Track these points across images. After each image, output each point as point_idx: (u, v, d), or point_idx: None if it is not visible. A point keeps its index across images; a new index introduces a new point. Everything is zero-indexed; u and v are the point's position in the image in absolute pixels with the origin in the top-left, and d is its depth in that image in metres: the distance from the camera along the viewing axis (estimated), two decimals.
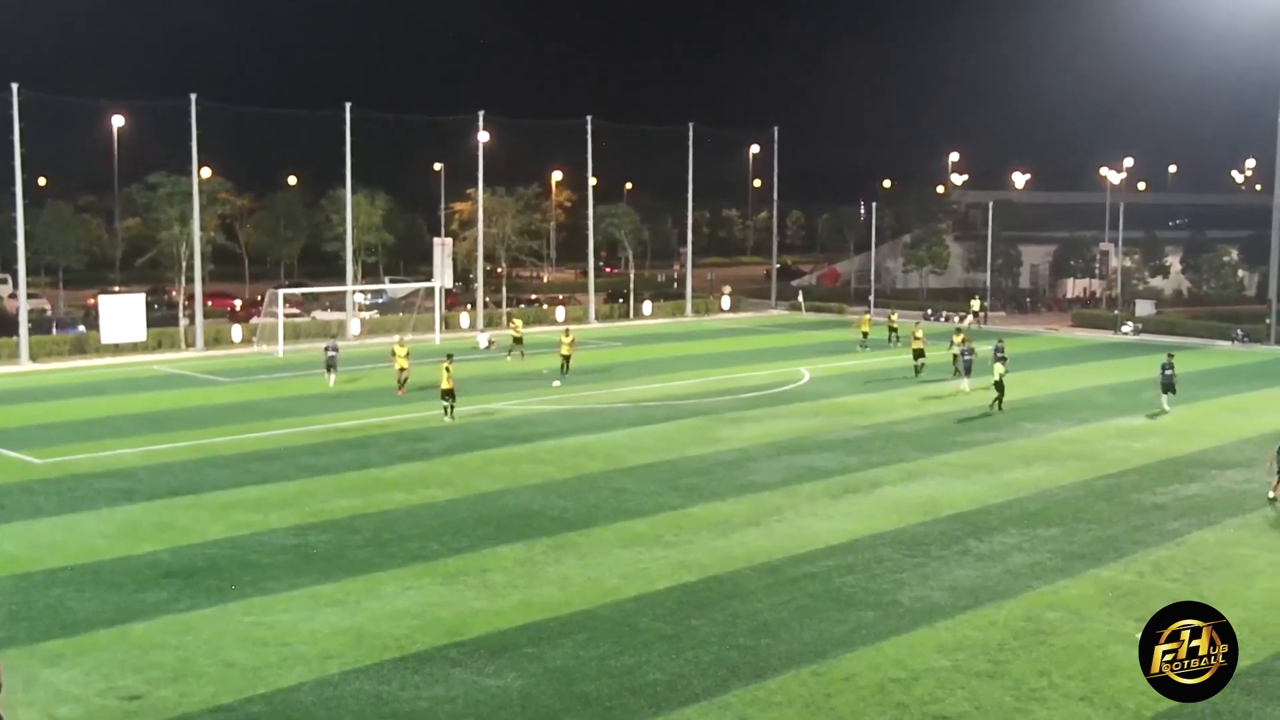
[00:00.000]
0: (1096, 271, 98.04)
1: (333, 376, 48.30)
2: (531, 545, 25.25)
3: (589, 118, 78.59)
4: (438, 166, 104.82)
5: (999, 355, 43.38)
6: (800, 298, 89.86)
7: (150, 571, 23.49)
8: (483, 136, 75.27)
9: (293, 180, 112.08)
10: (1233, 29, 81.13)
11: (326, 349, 49.20)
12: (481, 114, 74.82)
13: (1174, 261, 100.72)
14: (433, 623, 20.56)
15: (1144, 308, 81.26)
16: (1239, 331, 68.59)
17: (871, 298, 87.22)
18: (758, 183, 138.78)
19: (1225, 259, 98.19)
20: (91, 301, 75.97)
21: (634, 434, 38.01)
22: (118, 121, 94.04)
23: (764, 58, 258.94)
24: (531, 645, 19.53)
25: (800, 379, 50.71)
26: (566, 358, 50.43)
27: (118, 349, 59.52)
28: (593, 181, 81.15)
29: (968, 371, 46.52)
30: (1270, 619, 20.86)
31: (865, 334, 62.92)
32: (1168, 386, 42.30)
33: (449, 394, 39.59)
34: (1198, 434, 38.04)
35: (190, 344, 62.88)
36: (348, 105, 67.59)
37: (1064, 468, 33.04)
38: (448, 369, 40.08)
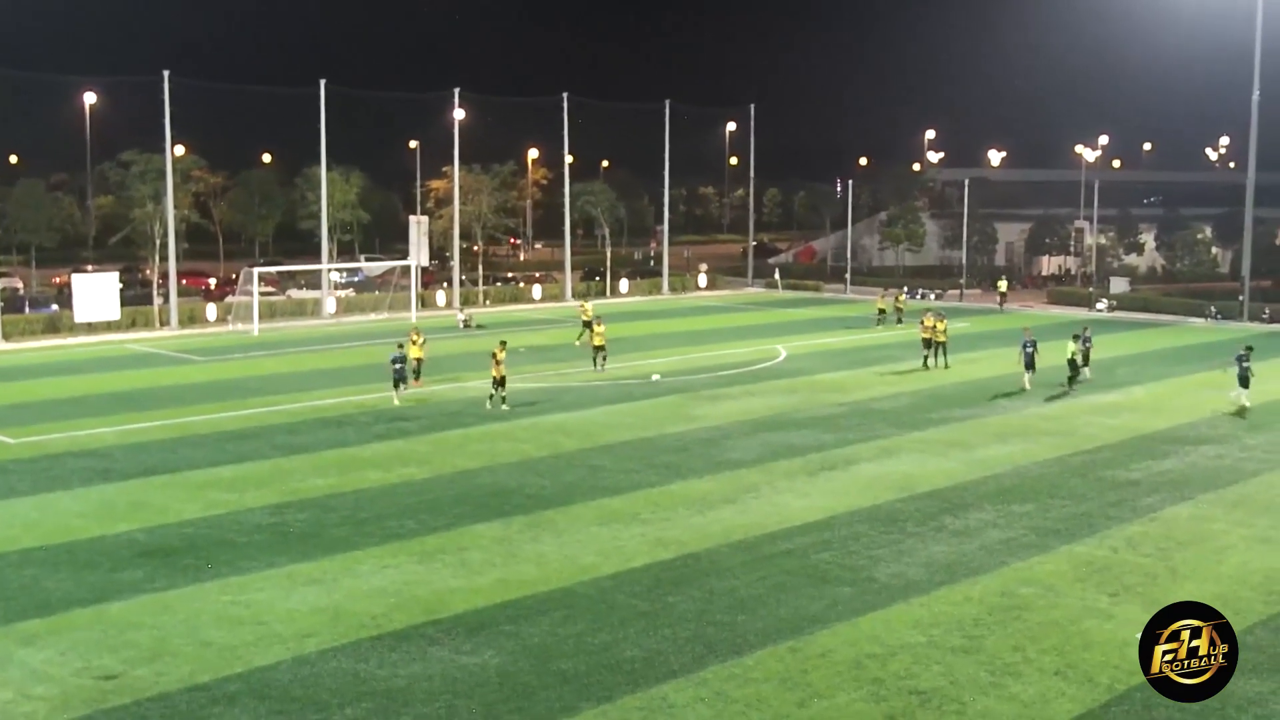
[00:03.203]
0: (1071, 249, 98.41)
1: (402, 391, 39.68)
2: (509, 523, 25.25)
3: (565, 95, 78.37)
4: (413, 144, 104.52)
5: (1085, 339, 43.83)
6: (777, 275, 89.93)
7: (126, 551, 23.41)
8: (458, 114, 75.03)
9: (267, 158, 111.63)
10: (1207, 7, 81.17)
11: (394, 360, 39.66)
12: (457, 91, 74.59)
13: (1148, 239, 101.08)
14: (410, 601, 20.56)
15: (1118, 285, 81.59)
16: (1212, 309, 68.98)
17: (847, 275, 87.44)
18: (734, 160, 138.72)
19: (1199, 237, 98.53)
20: (58, 280, 75.65)
21: (611, 412, 38.02)
22: (90, 99, 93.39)
23: (741, 35, 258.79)
24: (509, 623, 19.55)
25: (777, 356, 50.79)
26: (599, 348, 46.53)
27: (91, 328, 59.21)
28: (569, 159, 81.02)
29: (1030, 366, 41.82)
30: (1242, 593, 21.03)
31: (882, 310, 63.12)
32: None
33: (499, 382, 37.88)
34: (1172, 410, 38.28)
35: (165, 323, 62.59)
36: (322, 82, 67.26)
37: (1039, 444, 33.19)
38: (495, 354, 38.28)
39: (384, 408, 38.50)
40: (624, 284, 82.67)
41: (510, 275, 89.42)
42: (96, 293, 59.87)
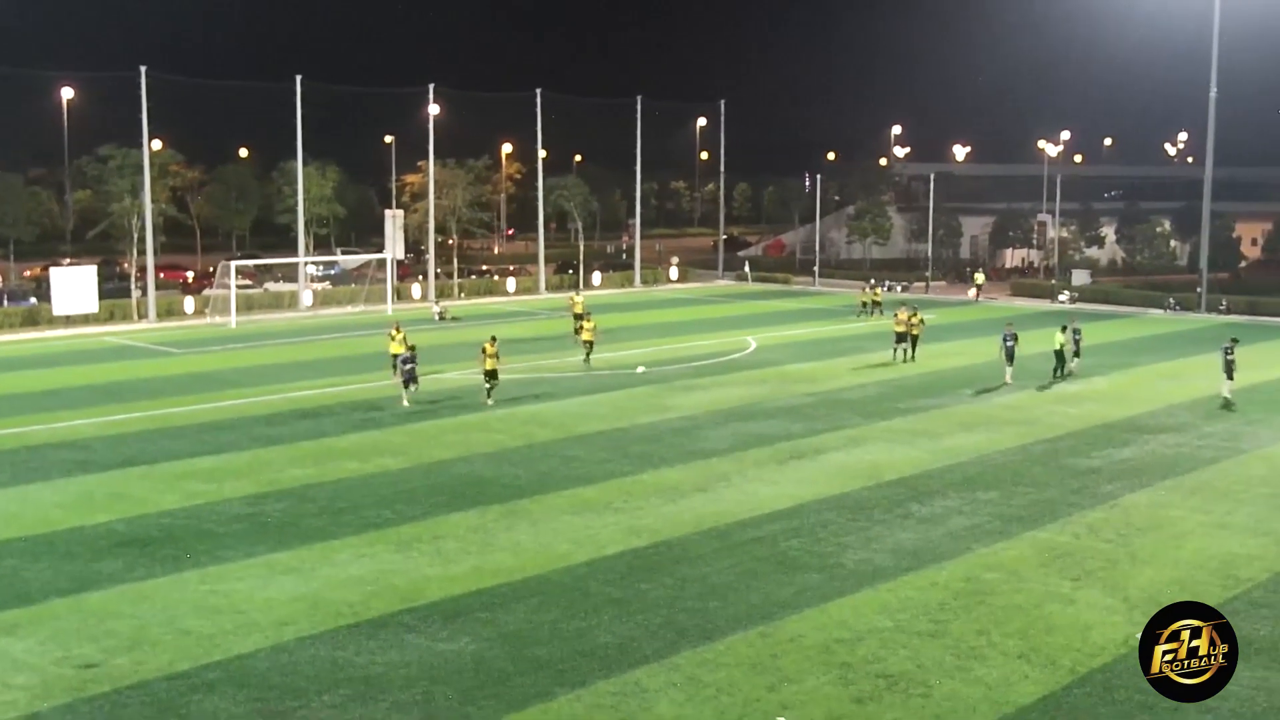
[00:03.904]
0: (1034, 242, 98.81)
1: (412, 390, 37.54)
2: (484, 512, 25.22)
3: (538, 91, 78.20)
4: (389, 139, 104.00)
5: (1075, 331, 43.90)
6: (746, 268, 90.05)
7: (105, 541, 23.26)
8: (433, 109, 74.74)
9: (244, 152, 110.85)
10: (1166, 6, 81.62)
11: (404, 360, 37.57)
12: (432, 87, 74.26)
13: (1109, 232, 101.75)
14: (387, 589, 20.51)
15: (1080, 277, 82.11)
16: (1171, 300, 69.48)
17: (816, 268, 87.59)
18: (705, 155, 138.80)
19: (1158, 230, 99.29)
20: (29, 274, 75.08)
21: (584, 402, 38.01)
22: (68, 94, 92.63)
23: (712, 33, 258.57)
24: (484, 610, 19.53)
25: (747, 348, 50.86)
26: (588, 343, 46.13)
27: (70, 321, 58.81)
28: (542, 154, 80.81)
29: (1011, 359, 41.44)
30: (1200, 577, 21.20)
31: (865, 304, 63.32)
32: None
33: (491, 375, 37.64)
34: (1131, 399, 38.53)
35: (143, 316, 62.23)
36: (298, 78, 66.88)
37: (1002, 433, 33.36)
38: (486, 349, 37.75)
39: (361, 399, 38.37)
40: (596, 277, 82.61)
41: (485, 268, 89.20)
42: (75, 286, 59.51)
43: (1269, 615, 19.31)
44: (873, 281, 70.22)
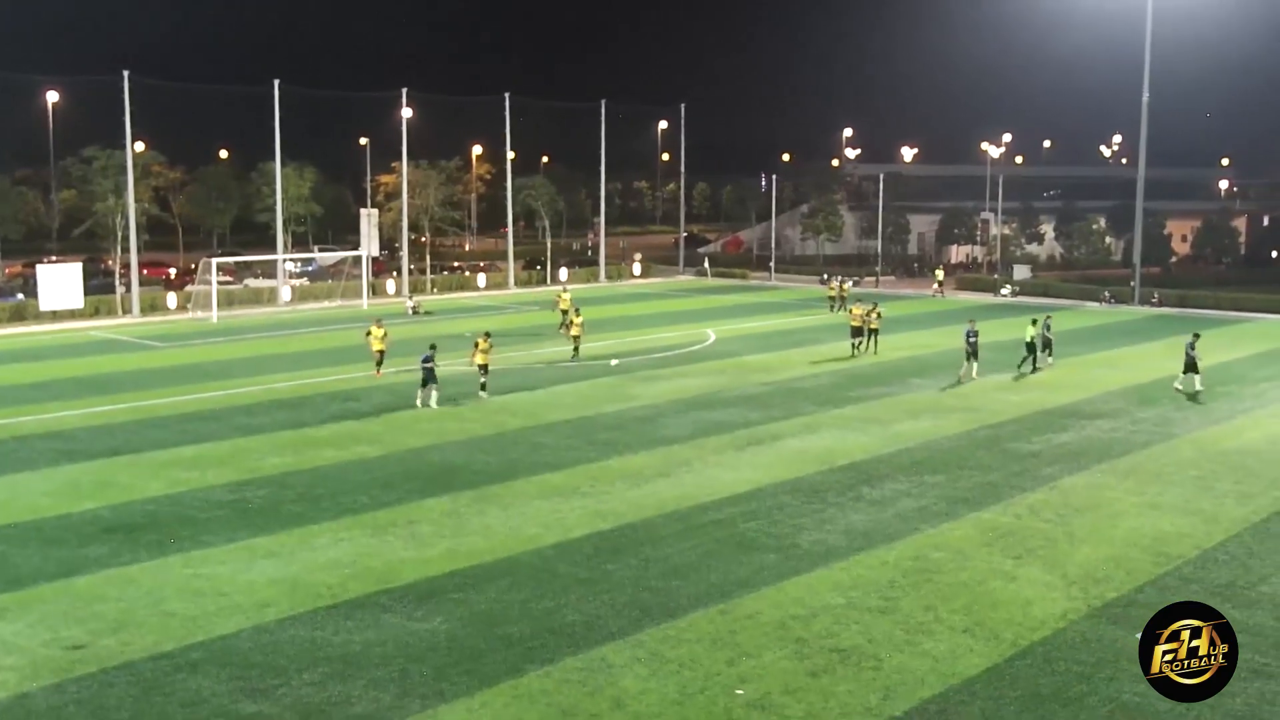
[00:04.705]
0: (978, 239, 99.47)
1: (432, 394, 34.98)
2: (456, 498, 25.14)
3: (507, 95, 77.91)
4: (364, 140, 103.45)
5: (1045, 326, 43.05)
6: (706, 264, 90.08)
7: (92, 527, 23.05)
8: (406, 112, 74.37)
9: (224, 154, 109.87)
10: (1102, 14, 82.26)
11: (424, 360, 35.23)
12: (405, 91, 73.91)
13: (1048, 229, 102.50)
14: (364, 571, 20.42)
15: (1021, 272, 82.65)
16: (1106, 293, 70.07)
17: (772, 264, 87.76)
18: (666, 156, 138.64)
19: (1094, 227, 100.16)
20: (9, 272, 74.25)
21: (552, 392, 37.94)
22: (53, 97, 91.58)
23: (674, 40, 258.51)
24: (457, 591, 19.48)
25: (706, 340, 50.91)
26: (576, 337, 45.24)
27: (56, 316, 58.18)
28: (511, 155, 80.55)
29: (974, 355, 40.31)
30: (1134, 555, 21.40)
31: (831, 299, 63.61)
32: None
33: (484, 369, 36.67)
34: (1070, 387, 38.81)
35: (127, 311, 61.64)
36: (276, 82, 66.38)
37: (948, 419, 33.54)
38: (479, 344, 36.87)
39: (339, 389, 38.16)
40: (563, 272, 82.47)
41: (456, 265, 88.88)
42: (61, 282, 58.87)
43: (1198, 590, 19.51)
44: (841, 277, 70.43)
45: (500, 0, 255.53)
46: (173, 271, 78.24)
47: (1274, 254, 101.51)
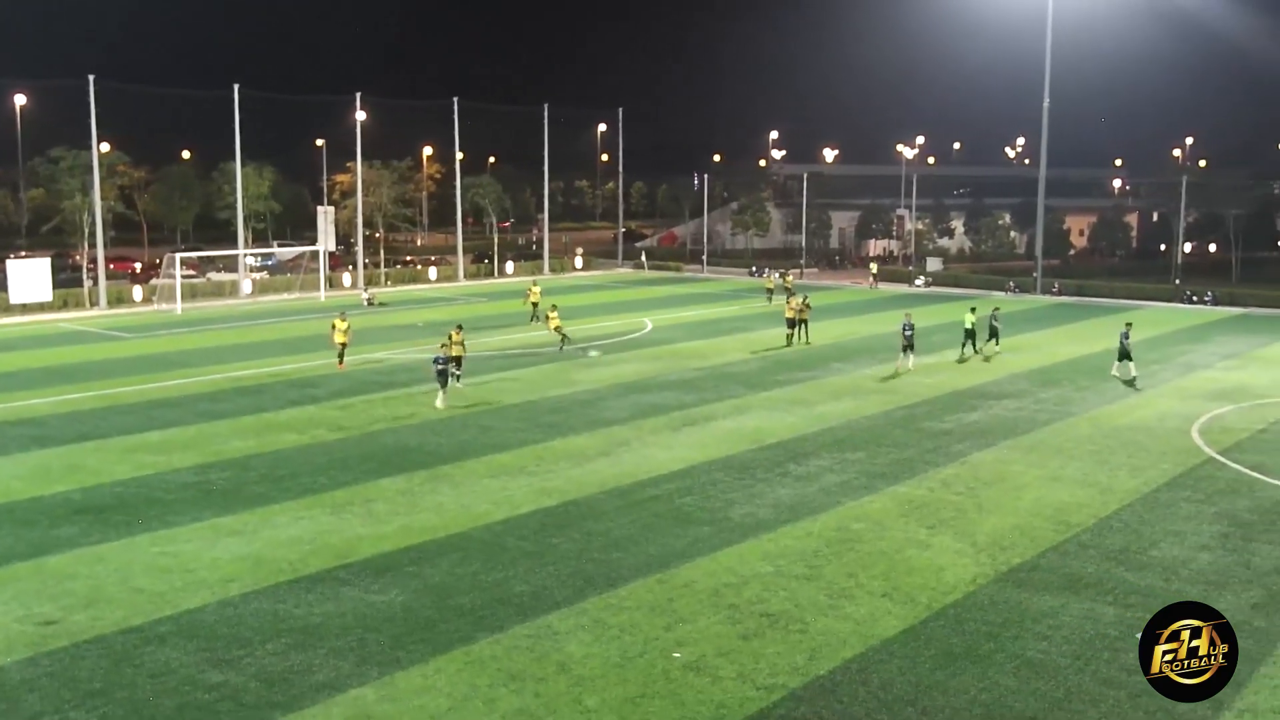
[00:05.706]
0: (894, 233, 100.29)
1: (439, 395, 32.86)
2: (410, 477, 25.00)
3: (456, 99, 77.34)
4: (320, 142, 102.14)
5: (994, 319, 42.53)
6: (643, 258, 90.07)
7: (62, 509, 22.65)
8: (360, 115, 73.57)
9: (186, 154, 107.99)
10: (1006, 24, 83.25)
11: (436, 361, 33.21)
12: (359, 95, 73.09)
13: (958, 225, 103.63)
14: (323, 547, 20.25)
15: (933, 264, 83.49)
16: (1012, 284, 71.01)
17: (704, 257, 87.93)
18: (605, 157, 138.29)
19: (1000, 223, 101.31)
20: None
21: (500, 378, 37.78)
22: (20, 100, 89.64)
23: (612, 47, 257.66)
24: (412, 565, 19.38)
25: (644, 328, 50.93)
26: (559, 329, 43.56)
27: (25, 308, 57.02)
28: (460, 155, 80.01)
29: (909, 348, 38.99)
30: (1037, 524, 21.75)
31: (770, 290, 63.70)
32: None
33: (458, 361, 34.65)
34: (978, 370, 39.29)
35: (94, 303, 60.51)
36: (236, 86, 65.45)
37: (868, 401, 33.83)
38: (452, 337, 34.75)
39: (298, 377, 37.75)
40: (509, 266, 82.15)
41: (409, 259, 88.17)
42: (30, 277, 57.70)
43: (1095, 555, 19.88)
44: (783, 270, 70.57)
45: (450, 10, 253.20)
46: (138, 266, 76.91)
47: (1162, 247, 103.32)
